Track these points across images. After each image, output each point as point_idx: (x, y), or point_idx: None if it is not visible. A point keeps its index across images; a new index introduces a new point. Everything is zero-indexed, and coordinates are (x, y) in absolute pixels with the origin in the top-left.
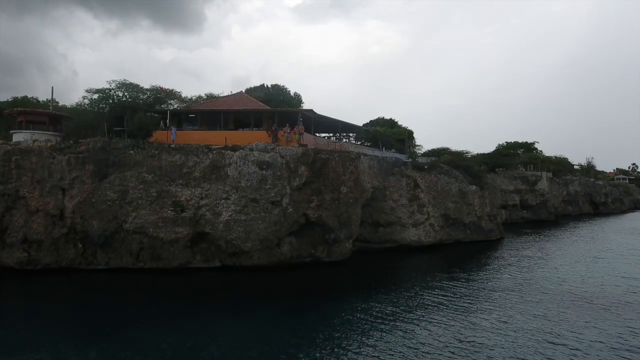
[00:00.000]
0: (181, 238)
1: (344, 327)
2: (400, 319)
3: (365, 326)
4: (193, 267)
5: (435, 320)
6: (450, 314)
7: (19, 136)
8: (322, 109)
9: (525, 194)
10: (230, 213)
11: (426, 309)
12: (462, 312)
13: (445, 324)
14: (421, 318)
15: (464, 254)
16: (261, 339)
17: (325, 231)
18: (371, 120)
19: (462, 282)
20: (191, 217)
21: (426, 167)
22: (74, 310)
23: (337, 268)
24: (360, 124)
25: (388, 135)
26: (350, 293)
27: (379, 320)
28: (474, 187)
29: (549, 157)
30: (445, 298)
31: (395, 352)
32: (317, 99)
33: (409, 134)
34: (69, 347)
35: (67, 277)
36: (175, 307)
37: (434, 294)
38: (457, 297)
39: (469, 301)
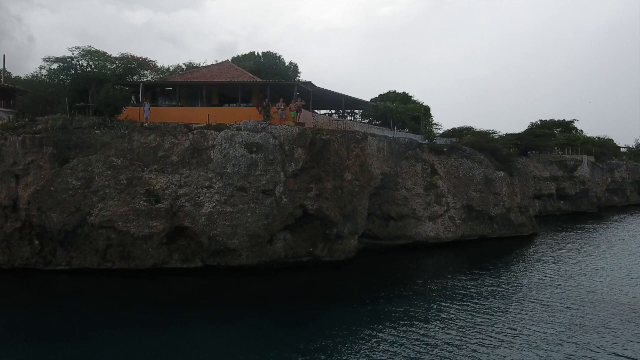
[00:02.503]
0: (156, 234)
1: (347, 341)
2: (415, 331)
3: (372, 339)
4: (170, 267)
5: (456, 337)
6: (474, 326)
7: None
8: (323, 82)
9: (563, 181)
10: (214, 204)
11: (445, 320)
12: (488, 323)
13: (468, 338)
14: (439, 332)
15: (490, 252)
16: (249, 354)
17: (327, 225)
18: (381, 95)
19: (488, 286)
20: (168, 209)
21: (446, 149)
22: (31, 317)
23: (340, 269)
24: (368, 99)
25: (401, 112)
26: (355, 299)
27: (388, 332)
28: (502, 174)
29: (591, 139)
30: (468, 306)
31: None
32: (317, 70)
33: (426, 110)
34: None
35: (21, 279)
36: (148, 315)
37: (454, 302)
38: (481, 305)
39: (495, 309)
